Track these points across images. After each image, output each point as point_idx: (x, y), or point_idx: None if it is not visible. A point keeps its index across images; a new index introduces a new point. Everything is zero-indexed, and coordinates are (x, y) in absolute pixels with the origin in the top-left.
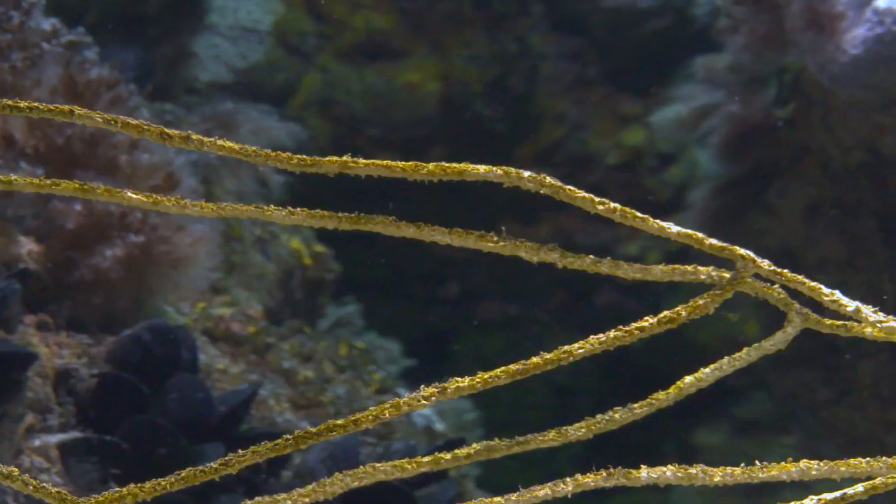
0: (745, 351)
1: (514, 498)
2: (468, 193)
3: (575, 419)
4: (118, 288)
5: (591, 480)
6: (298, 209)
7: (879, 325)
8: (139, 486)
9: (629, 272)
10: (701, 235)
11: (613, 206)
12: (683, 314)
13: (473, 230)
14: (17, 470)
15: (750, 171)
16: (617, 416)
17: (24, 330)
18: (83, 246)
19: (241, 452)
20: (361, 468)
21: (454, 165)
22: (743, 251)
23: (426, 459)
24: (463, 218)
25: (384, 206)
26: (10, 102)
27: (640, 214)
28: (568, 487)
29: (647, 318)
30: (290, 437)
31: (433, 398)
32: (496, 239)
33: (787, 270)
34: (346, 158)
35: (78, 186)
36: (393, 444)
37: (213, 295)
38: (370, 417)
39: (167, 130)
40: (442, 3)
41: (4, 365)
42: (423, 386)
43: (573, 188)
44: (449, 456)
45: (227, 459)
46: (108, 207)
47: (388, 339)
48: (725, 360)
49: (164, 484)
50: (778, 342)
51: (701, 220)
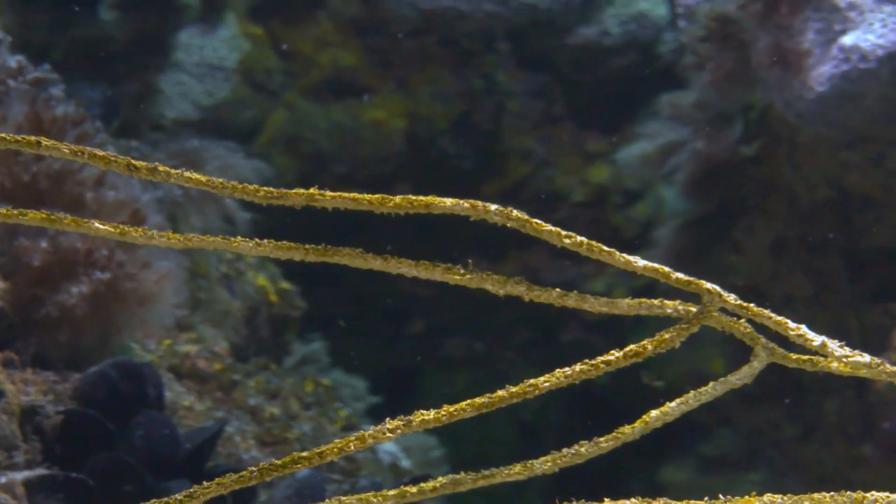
0: (711, 385)
1: None
2: (435, 231)
3: (541, 455)
4: (84, 325)
5: None
6: (265, 241)
7: (845, 359)
8: None
9: (595, 306)
10: (667, 269)
11: (580, 239)
12: (650, 348)
13: (440, 263)
14: None
15: (716, 207)
16: (583, 449)
17: None
18: (49, 283)
19: (205, 484)
20: (328, 502)
21: (421, 198)
22: (709, 285)
23: (392, 493)
24: (429, 255)
25: (352, 244)
26: None
27: (606, 248)
28: None
29: (612, 351)
30: (255, 469)
31: (398, 431)
32: (463, 272)
33: (753, 305)
34: (312, 191)
35: (45, 216)
36: (359, 480)
37: (178, 332)
38: (335, 450)
39: (134, 162)
40: (407, 40)
41: None
42: (387, 419)
43: (539, 221)
44: (415, 489)
45: (191, 491)
46: (74, 244)
47: (353, 376)
48: (691, 394)
49: None
50: (744, 376)
51: (667, 256)
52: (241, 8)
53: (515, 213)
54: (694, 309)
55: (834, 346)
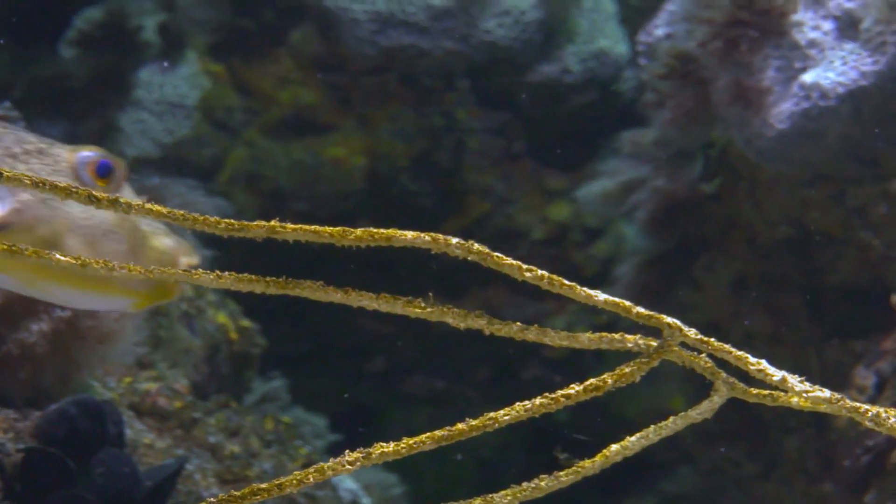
0: (671, 419)
1: None
2: (395, 267)
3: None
4: (44, 362)
5: None
6: (226, 273)
7: (805, 394)
8: None
9: (556, 340)
10: (628, 304)
11: (540, 273)
12: (610, 381)
13: (401, 297)
14: None
15: (676, 245)
16: (543, 483)
17: None
18: (9, 321)
19: None
20: None
21: (382, 231)
22: (670, 319)
23: None
24: (390, 291)
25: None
26: None
27: (567, 282)
28: None
29: (573, 385)
30: (213, 500)
31: (358, 463)
32: (423, 305)
33: (713, 339)
34: (273, 223)
35: (6, 248)
36: None
37: (139, 370)
38: (295, 482)
39: (95, 193)
40: (368, 77)
41: None
42: (347, 451)
43: (500, 255)
44: None
45: None
46: None
47: (314, 414)
48: (652, 428)
49: None
50: (705, 411)
51: (628, 294)
52: (201, 45)
53: (476, 246)
54: (654, 343)
55: (794, 381)
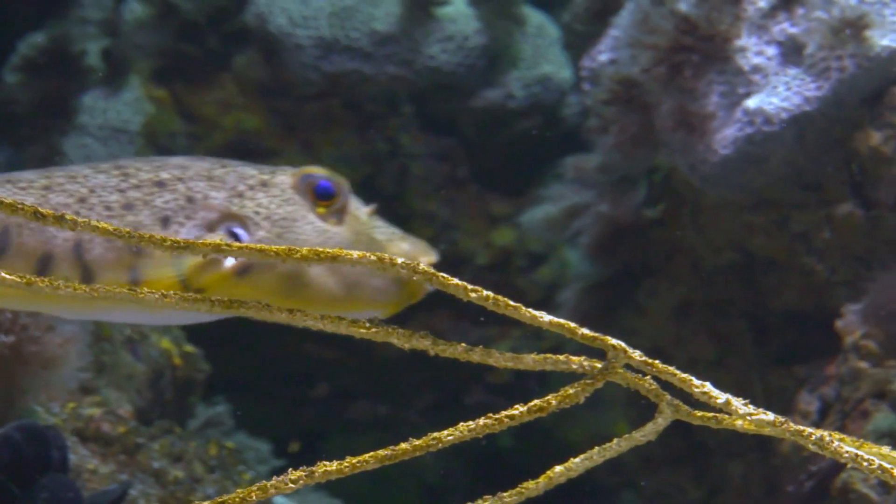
0: (615, 442)
1: None
2: None
3: None
4: None
5: None
6: (171, 292)
7: (750, 417)
8: None
9: (500, 361)
10: (573, 325)
11: (486, 293)
12: (554, 403)
13: (345, 317)
14: None
15: (620, 270)
16: None
17: None
18: None
19: None
20: None
21: (328, 251)
22: (614, 341)
23: None
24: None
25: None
26: None
27: (512, 303)
28: None
29: (517, 406)
30: None
31: (301, 481)
32: (368, 326)
33: (658, 361)
34: (219, 241)
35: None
36: None
37: (83, 395)
38: (237, 500)
39: (41, 210)
40: (312, 103)
41: None
42: (290, 469)
43: (445, 275)
44: None
45: None
46: None
47: (258, 439)
48: (596, 450)
49: None
50: (649, 433)
51: (571, 319)
52: (144, 71)
53: (422, 266)
54: (599, 365)
55: (738, 403)
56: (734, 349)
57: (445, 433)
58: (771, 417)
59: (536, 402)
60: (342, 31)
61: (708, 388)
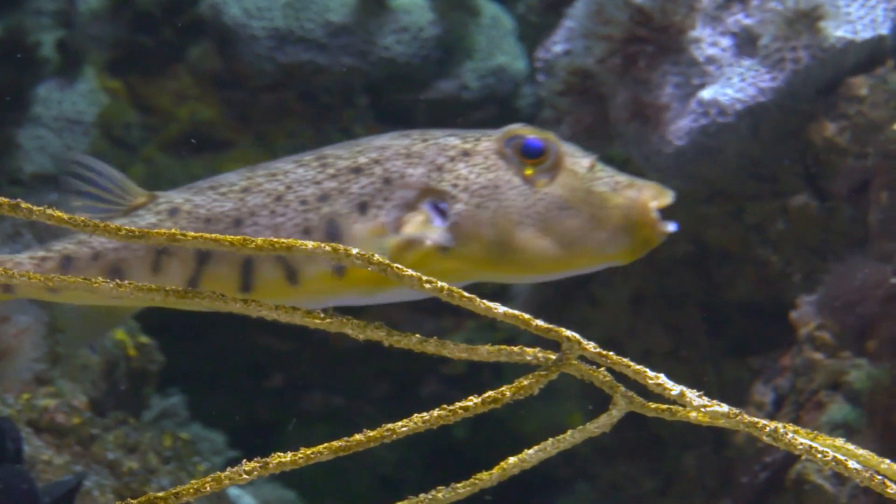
0: (569, 433)
1: None
2: None
3: (398, 503)
4: None
5: None
6: (125, 282)
7: (704, 409)
8: None
9: (455, 352)
10: (527, 316)
11: (441, 285)
12: (508, 394)
13: (300, 308)
14: None
15: None
16: (440, 495)
17: None
18: None
19: None
20: None
21: (282, 241)
22: (569, 333)
23: None
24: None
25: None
26: None
27: (466, 294)
28: None
29: (471, 397)
30: None
31: (255, 472)
32: (323, 316)
33: (612, 353)
34: (174, 231)
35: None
36: None
37: (37, 386)
38: (192, 490)
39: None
40: (266, 94)
41: None
42: (244, 461)
43: (400, 266)
44: None
45: None
46: None
47: (212, 430)
48: (550, 441)
49: None
50: (603, 424)
51: (525, 310)
52: (99, 62)
53: (376, 257)
54: (553, 356)
55: (692, 395)
56: (689, 341)
57: (400, 424)
58: (725, 409)
59: (491, 393)
60: (297, 21)
61: (662, 379)
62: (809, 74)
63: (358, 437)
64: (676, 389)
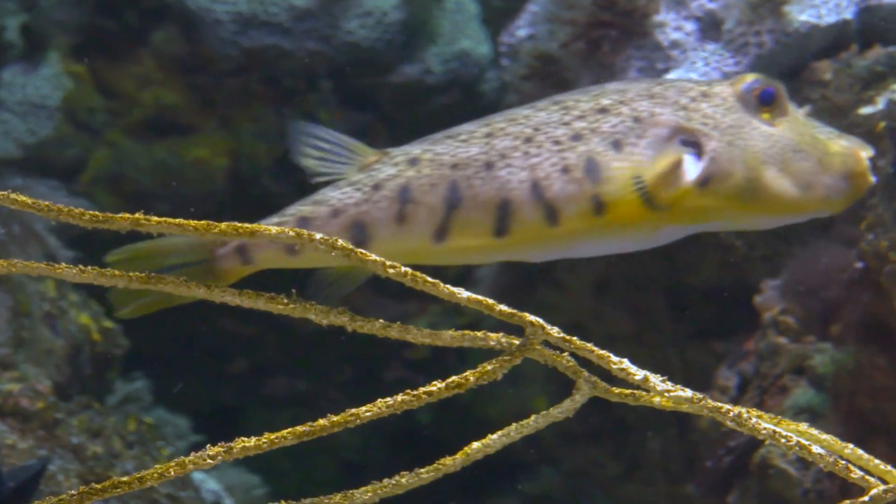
0: (533, 418)
1: None
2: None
3: None
4: None
5: None
6: (89, 268)
7: (667, 394)
8: None
9: (419, 337)
10: (491, 301)
11: (404, 269)
12: (472, 379)
13: (263, 293)
14: None
15: None
16: (404, 480)
17: None
18: None
19: None
20: None
21: (246, 226)
22: (532, 318)
23: None
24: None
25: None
26: None
27: (430, 279)
28: None
29: (435, 382)
30: (74, 493)
31: (219, 457)
32: (286, 301)
33: (576, 338)
34: (138, 216)
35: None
36: None
37: (1, 370)
38: (156, 475)
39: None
40: (230, 78)
41: None
42: (209, 445)
43: (363, 251)
44: None
45: None
46: None
47: (176, 414)
48: (513, 426)
49: None
50: (566, 409)
51: (490, 295)
52: (63, 46)
53: (340, 242)
54: (517, 341)
55: (656, 380)
56: (653, 325)
57: (364, 409)
58: (689, 394)
59: (455, 378)
60: (260, 6)
61: (625, 364)
62: (773, 59)
63: (322, 421)
64: (640, 374)
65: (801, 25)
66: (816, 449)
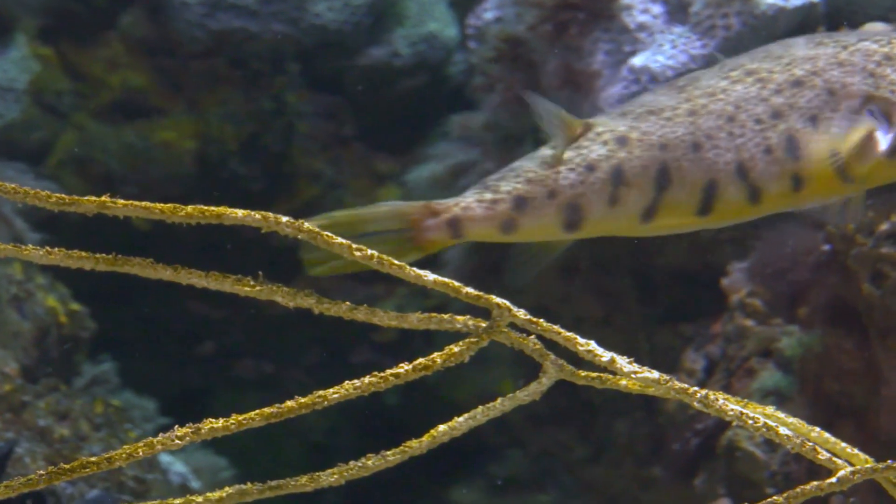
0: (499, 401)
1: None
2: (225, 252)
3: None
4: None
5: None
6: (56, 249)
7: (634, 376)
8: None
9: (385, 319)
10: (458, 284)
11: (370, 252)
12: (438, 361)
13: (230, 275)
14: None
15: None
16: (370, 462)
17: None
18: None
19: None
20: None
21: (213, 209)
22: (499, 300)
23: (178, 502)
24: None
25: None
26: None
27: (397, 262)
28: None
29: (402, 364)
30: (43, 473)
31: (187, 438)
32: (253, 284)
33: (542, 321)
34: (104, 199)
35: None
36: (148, 501)
37: None
38: (124, 456)
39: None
40: (197, 61)
41: None
42: (176, 426)
43: (330, 234)
44: (201, 499)
45: None
46: None
47: (144, 397)
48: (480, 409)
49: None
50: (533, 392)
51: (457, 277)
52: (30, 29)
53: (307, 225)
54: (484, 324)
55: (623, 362)
56: (620, 308)
57: (331, 391)
58: (656, 376)
59: (421, 360)
60: None
61: (592, 346)
62: (741, 41)
63: (289, 403)
64: (607, 356)
65: (768, 8)
66: (784, 431)
